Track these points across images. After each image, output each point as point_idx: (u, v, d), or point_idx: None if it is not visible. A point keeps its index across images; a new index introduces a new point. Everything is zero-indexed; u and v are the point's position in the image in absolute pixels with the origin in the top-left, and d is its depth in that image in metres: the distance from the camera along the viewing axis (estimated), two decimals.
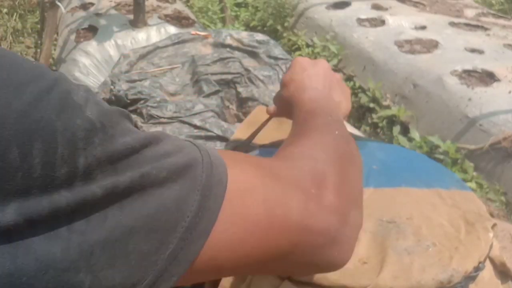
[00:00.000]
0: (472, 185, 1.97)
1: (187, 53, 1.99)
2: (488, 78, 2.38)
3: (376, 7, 3.31)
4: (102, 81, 1.92)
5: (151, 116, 1.52)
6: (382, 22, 3.08)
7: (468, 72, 2.43)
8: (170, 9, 3.09)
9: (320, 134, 0.52)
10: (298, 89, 0.63)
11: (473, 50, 2.61)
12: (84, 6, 3.13)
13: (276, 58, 1.98)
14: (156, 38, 2.63)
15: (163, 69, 1.89)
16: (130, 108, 1.53)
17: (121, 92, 1.60)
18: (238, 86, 1.84)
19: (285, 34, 3.47)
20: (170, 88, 1.77)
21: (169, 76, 1.85)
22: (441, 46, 2.70)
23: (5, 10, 3.97)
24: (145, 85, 1.74)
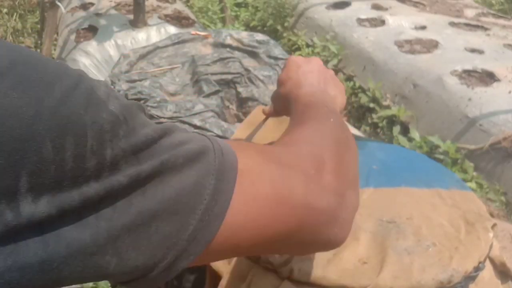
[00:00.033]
0: (472, 185, 1.97)
1: (187, 53, 1.99)
2: (488, 78, 2.38)
3: (376, 7, 3.31)
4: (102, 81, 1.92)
5: (151, 116, 1.52)
6: (382, 22, 3.08)
7: (468, 72, 2.43)
8: (170, 9, 3.09)
9: (316, 122, 0.55)
10: (294, 85, 0.65)
11: (473, 50, 2.61)
12: (84, 6, 3.13)
13: (276, 58, 1.97)
14: (156, 38, 2.62)
15: (163, 69, 1.89)
16: None
17: (121, 92, 1.60)
18: (238, 86, 1.84)
19: (285, 34, 3.47)
20: (170, 88, 1.77)
21: (169, 76, 1.85)
22: (441, 46, 2.70)
23: (5, 10, 3.98)
24: (145, 85, 1.74)
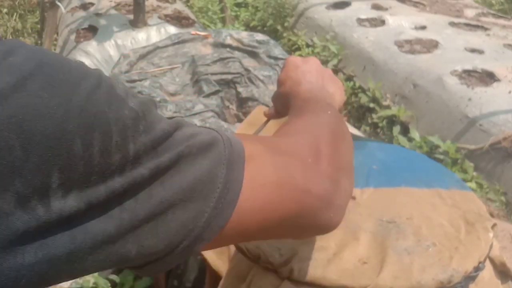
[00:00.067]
0: (472, 185, 1.97)
1: (187, 53, 1.99)
2: (488, 78, 2.37)
3: (376, 7, 3.31)
4: None
5: None
6: (382, 22, 3.08)
7: (468, 72, 2.43)
8: (170, 9, 3.09)
9: (314, 115, 0.58)
10: (294, 84, 0.68)
11: (473, 50, 2.61)
12: (84, 6, 3.13)
13: (276, 58, 1.98)
14: (156, 38, 2.62)
15: (163, 69, 1.89)
16: None
17: None
18: (238, 86, 1.84)
19: (285, 34, 3.47)
20: (170, 88, 1.77)
21: (169, 76, 1.85)
22: (441, 46, 2.70)
23: (5, 10, 3.98)
24: (145, 85, 1.74)
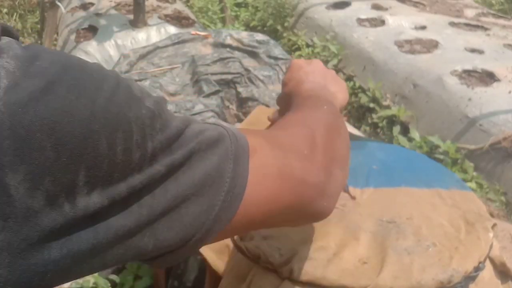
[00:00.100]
0: (472, 185, 1.97)
1: (187, 53, 1.99)
2: (488, 78, 2.37)
3: (376, 7, 3.31)
4: None
5: None
6: (382, 22, 3.07)
7: (468, 72, 2.43)
8: (170, 9, 3.09)
9: (311, 110, 0.60)
10: (297, 83, 0.69)
11: (473, 50, 2.61)
12: (84, 6, 3.13)
13: (276, 58, 1.98)
14: (156, 38, 2.62)
15: (163, 69, 1.89)
16: None
17: None
18: (238, 86, 1.84)
19: (285, 34, 3.47)
20: (170, 88, 1.77)
21: (169, 76, 1.85)
22: (441, 46, 2.70)
23: (5, 10, 3.97)
24: (145, 85, 1.74)
